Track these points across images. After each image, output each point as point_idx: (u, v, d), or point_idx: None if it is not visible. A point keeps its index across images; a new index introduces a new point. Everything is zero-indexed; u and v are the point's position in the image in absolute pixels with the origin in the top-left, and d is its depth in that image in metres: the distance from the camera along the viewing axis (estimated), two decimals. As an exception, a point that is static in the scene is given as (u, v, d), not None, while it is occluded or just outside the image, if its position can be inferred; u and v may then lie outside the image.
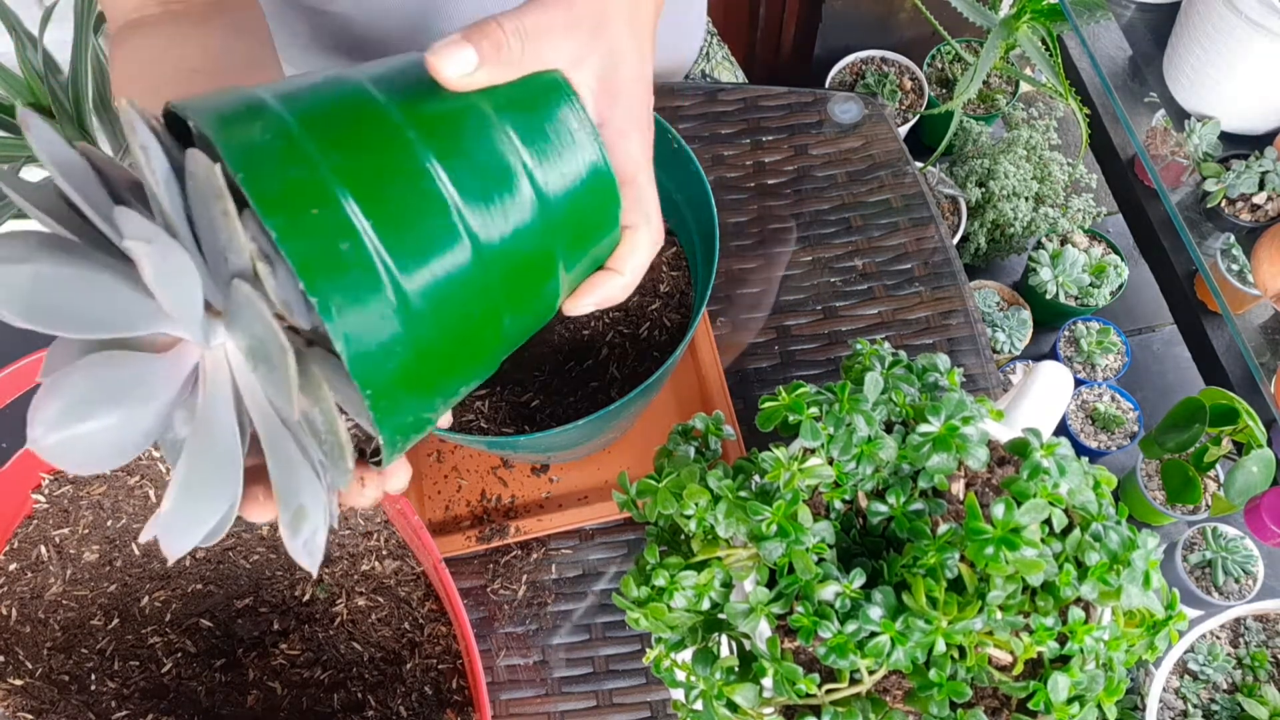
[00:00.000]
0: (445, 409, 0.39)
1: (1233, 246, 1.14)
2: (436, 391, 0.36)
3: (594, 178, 0.39)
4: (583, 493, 0.79)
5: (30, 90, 1.14)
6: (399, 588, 0.72)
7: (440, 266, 0.35)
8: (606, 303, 0.43)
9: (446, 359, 0.36)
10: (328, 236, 0.32)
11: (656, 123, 0.68)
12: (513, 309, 0.38)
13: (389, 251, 0.33)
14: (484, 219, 0.36)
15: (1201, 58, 1.09)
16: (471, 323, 0.36)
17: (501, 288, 0.37)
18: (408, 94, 0.37)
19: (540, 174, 0.38)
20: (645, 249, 0.43)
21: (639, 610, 0.45)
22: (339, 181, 0.33)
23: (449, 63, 0.37)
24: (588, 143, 0.39)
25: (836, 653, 0.40)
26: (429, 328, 0.35)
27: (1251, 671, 0.85)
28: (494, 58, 0.37)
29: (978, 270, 1.71)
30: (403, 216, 0.34)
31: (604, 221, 0.41)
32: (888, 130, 0.92)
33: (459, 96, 0.37)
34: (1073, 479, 0.42)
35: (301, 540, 0.34)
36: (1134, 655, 0.44)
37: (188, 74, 0.53)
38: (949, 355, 0.81)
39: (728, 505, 0.44)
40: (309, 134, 0.34)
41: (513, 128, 0.37)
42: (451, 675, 0.69)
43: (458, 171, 0.35)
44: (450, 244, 0.35)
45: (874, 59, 1.79)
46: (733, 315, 0.85)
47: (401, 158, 0.35)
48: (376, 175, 0.34)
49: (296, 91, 0.36)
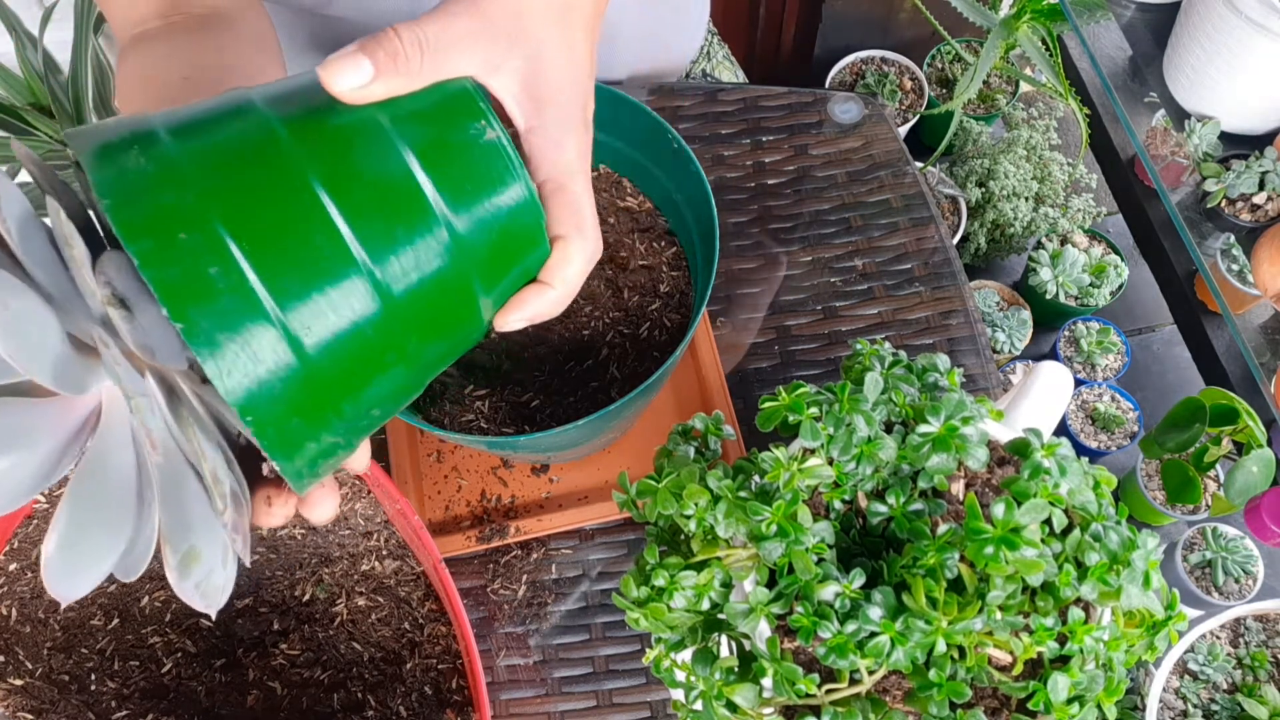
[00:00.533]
0: (361, 435, 0.37)
1: (1233, 246, 1.14)
2: (338, 419, 0.35)
3: (509, 191, 0.37)
4: (583, 493, 0.79)
5: (30, 90, 1.14)
6: (399, 588, 0.72)
7: (326, 291, 0.33)
8: (539, 318, 0.41)
9: (344, 386, 0.34)
10: (195, 261, 0.31)
11: (656, 124, 0.68)
12: (421, 334, 0.36)
13: (266, 275, 0.32)
14: (376, 240, 0.34)
15: (1201, 58, 1.09)
16: (369, 350, 0.35)
17: (403, 314, 0.35)
18: (302, 111, 0.35)
19: (444, 191, 0.36)
20: (579, 260, 0.41)
21: (639, 610, 0.45)
22: (212, 204, 0.32)
23: (341, 75, 0.35)
24: (500, 154, 0.37)
25: (836, 653, 0.40)
26: (318, 355, 0.33)
27: (1251, 671, 0.85)
28: (390, 69, 0.36)
29: (978, 270, 1.71)
30: (282, 239, 0.32)
31: (525, 238, 0.39)
32: (888, 130, 0.92)
33: (354, 111, 0.36)
34: (1073, 479, 0.42)
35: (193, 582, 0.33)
36: (1134, 655, 0.44)
37: (179, 84, 0.52)
38: (949, 355, 0.81)
39: (728, 505, 0.44)
40: (188, 157, 0.33)
41: (411, 142, 0.35)
42: (451, 675, 0.69)
43: (344, 190, 0.34)
44: (337, 267, 0.33)
45: (874, 59, 1.79)
46: (733, 315, 0.85)
47: (283, 177, 0.33)
48: (255, 197, 0.33)
49: (188, 114, 0.35)
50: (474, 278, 0.37)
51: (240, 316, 0.31)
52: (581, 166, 0.41)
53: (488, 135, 0.37)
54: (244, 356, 0.31)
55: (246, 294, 0.31)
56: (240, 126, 0.34)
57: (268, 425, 0.32)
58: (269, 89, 0.36)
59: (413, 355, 0.36)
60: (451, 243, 0.36)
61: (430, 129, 0.36)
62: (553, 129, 0.40)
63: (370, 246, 0.34)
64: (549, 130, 0.40)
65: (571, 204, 0.40)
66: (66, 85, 1.13)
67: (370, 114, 0.36)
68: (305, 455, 0.35)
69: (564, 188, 0.40)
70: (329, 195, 0.33)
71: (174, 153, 0.33)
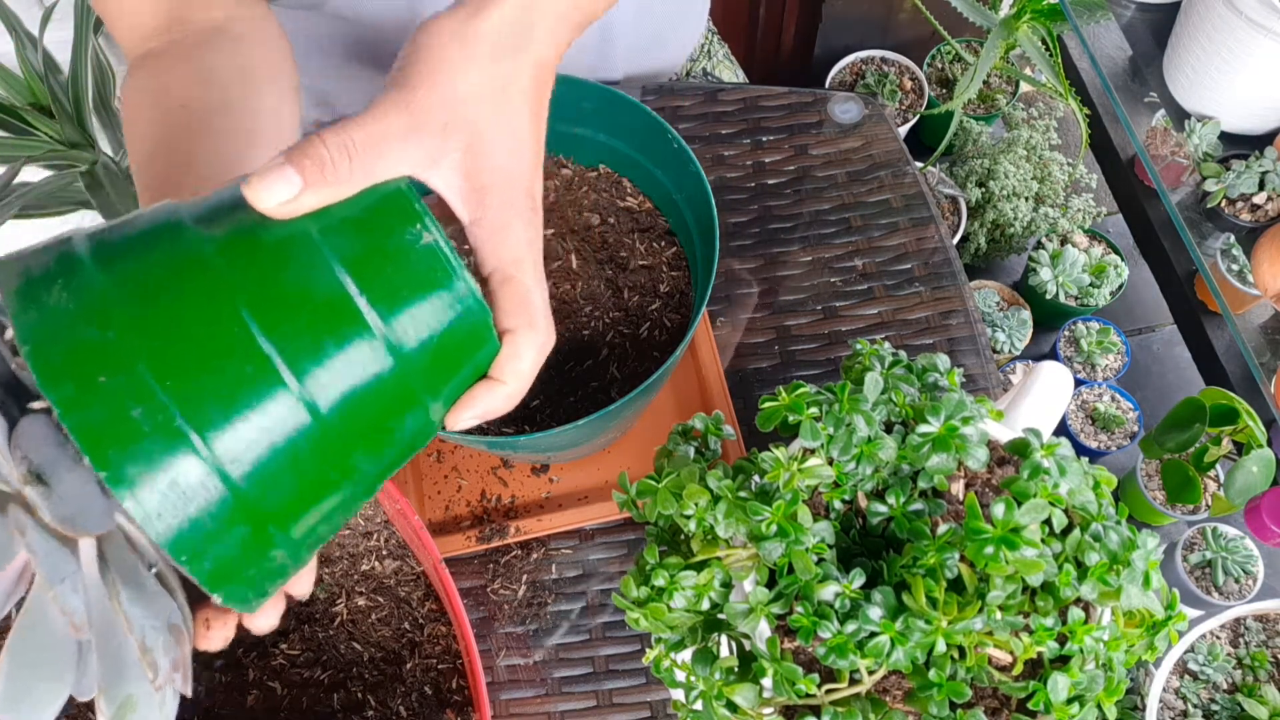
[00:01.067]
0: (313, 549, 0.36)
1: (1233, 246, 1.14)
2: (282, 543, 0.34)
3: (449, 295, 0.36)
4: (583, 493, 0.79)
5: (30, 90, 1.15)
6: (399, 588, 0.72)
7: (256, 420, 0.32)
8: (491, 415, 0.40)
9: (285, 512, 0.34)
10: (117, 403, 0.30)
11: (656, 123, 0.68)
12: (365, 447, 0.35)
13: (191, 411, 0.31)
14: (308, 361, 0.33)
15: (1201, 58, 1.09)
16: (309, 472, 0.34)
17: (341, 431, 0.34)
18: (230, 228, 0.34)
19: (378, 302, 0.34)
20: (530, 354, 0.39)
21: (639, 610, 0.45)
22: (135, 340, 0.31)
23: (267, 191, 0.34)
24: (438, 257, 0.35)
25: (836, 653, 0.40)
26: (251, 486, 0.32)
27: (1251, 671, 0.85)
28: (318, 179, 0.34)
29: (978, 270, 1.71)
30: (208, 371, 0.32)
31: (471, 338, 0.37)
32: (888, 130, 0.92)
33: (283, 225, 0.34)
34: (1073, 479, 0.42)
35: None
36: (1134, 655, 0.44)
37: (178, 111, 0.52)
38: (949, 355, 0.81)
39: (727, 505, 0.44)
40: (111, 288, 0.32)
41: (342, 254, 0.34)
42: (451, 675, 0.69)
43: (273, 313, 0.33)
44: (267, 393, 0.32)
45: (874, 59, 1.79)
46: (733, 315, 0.85)
47: (210, 305, 0.32)
48: (180, 328, 0.32)
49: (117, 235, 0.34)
50: (418, 385, 0.36)
51: (166, 457, 0.31)
52: (530, 253, 0.39)
53: (424, 239, 0.35)
54: (172, 497, 0.31)
55: (171, 433, 0.31)
56: (167, 250, 0.33)
57: (202, 561, 0.32)
58: (200, 204, 0.35)
59: (357, 468, 0.35)
60: (390, 354, 0.34)
61: (363, 238, 0.35)
62: (497, 218, 0.38)
63: (301, 369, 0.33)
64: (493, 220, 0.38)
65: (520, 295, 0.39)
66: (66, 85, 1.13)
67: (301, 226, 0.34)
68: (248, 581, 0.34)
69: (511, 279, 0.39)
70: (256, 320, 0.32)
71: (98, 285, 0.32)
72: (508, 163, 0.39)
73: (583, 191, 0.75)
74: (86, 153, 1.14)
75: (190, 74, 0.54)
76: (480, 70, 0.38)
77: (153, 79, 0.54)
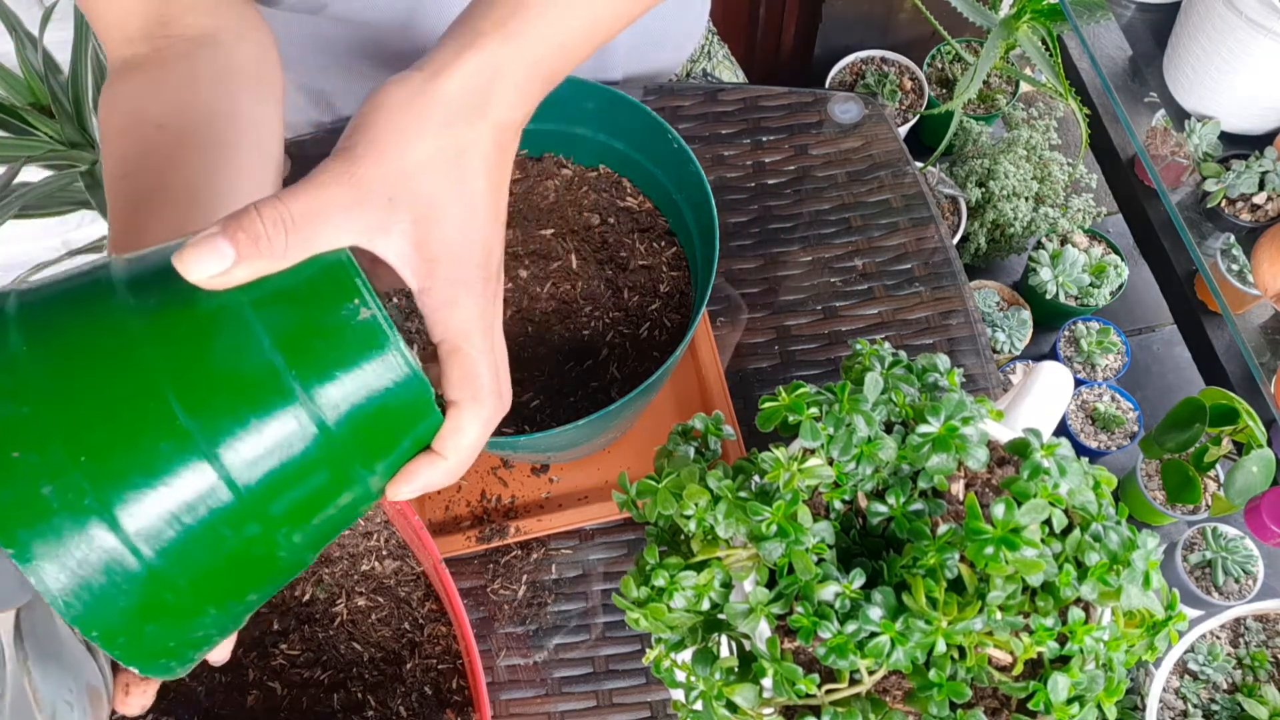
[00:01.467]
0: (241, 619, 0.36)
1: (1233, 246, 1.14)
2: (203, 616, 0.34)
3: (386, 371, 0.35)
4: (583, 493, 0.79)
5: (30, 90, 1.15)
6: (399, 588, 0.72)
7: (173, 497, 0.31)
8: (432, 487, 0.39)
9: (205, 587, 0.33)
10: (27, 480, 0.30)
11: (656, 123, 0.68)
12: (293, 522, 0.35)
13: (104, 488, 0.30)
14: (232, 439, 0.32)
15: (1201, 58, 1.09)
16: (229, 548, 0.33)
17: (266, 508, 0.33)
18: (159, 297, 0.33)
19: (309, 379, 0.33)
20: (472, 428, 0.38)
21: (639, 610, 0.45)
22: (51, 415, 0.31)
23: (198, 262, 0.33)
24: (375, 332, 0.34)
25: (836, 653, 0.40)
26: (167, 563, 0.32)
27: (1251, 671, 0.85)
28: (252, 252, 0.33)
29: (978, 270, 1.71)
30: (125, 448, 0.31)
31: (410, 412, 0.36)
32: (888, 130, 0.92)
33: (214, 296, 0.33)
34: (1073, 479, 0.42)
35: None
36: (1134, 655, 0.44)
37: (153, 131, 0.51)
38: (949, 355, 0.81)
39: (728, 505, 0.44)
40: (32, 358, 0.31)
41: (273, 329, 0.33)
42: (451, 675, 0.69)
43: (197, 389, 0.32)
44: (186, 471, 0.32)
45: (874, 59, 1.79)
46: (733, 315, 0.85)
47: (131, 380, 0.32)
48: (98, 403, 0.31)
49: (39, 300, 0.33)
50: (350, 459, 0.35)
51: (74, 535, 0.30)
52: (479, 325, 0.38)
53: (361, 315, 0.34)
54: (81, 574, 0.30)
55: (81, 510, 0.30)
56: (92, 320, 0.33)
57: (116, 637, 0.31)
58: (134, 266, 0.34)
59: (288, 541, 0.35)
60: (319, 431, 0.34)
61: (297, 312, 0.34)
62: (445, 289, 0.37)
63: (224, 446, 0.32)
64: (441, 291, 0.37)
65: (466, 368, 0.38)
66: (66, 85, 1.13)
67: (234, 298, 0.34)
68: (169, 653, 0.33)
69: (458, 350, 0.38)
70: (179, 399, 0.32)
71: (17, 353, 0.31)
72: (458, 234, 0.38)
73: (583, 191, 0.75)
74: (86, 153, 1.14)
75: (168, 91, 0.53)
76: (433, 139, 0.37)
77: (129, 97, 0.53)
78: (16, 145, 1.12)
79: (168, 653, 0.33)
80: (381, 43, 0.79)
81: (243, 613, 0.36)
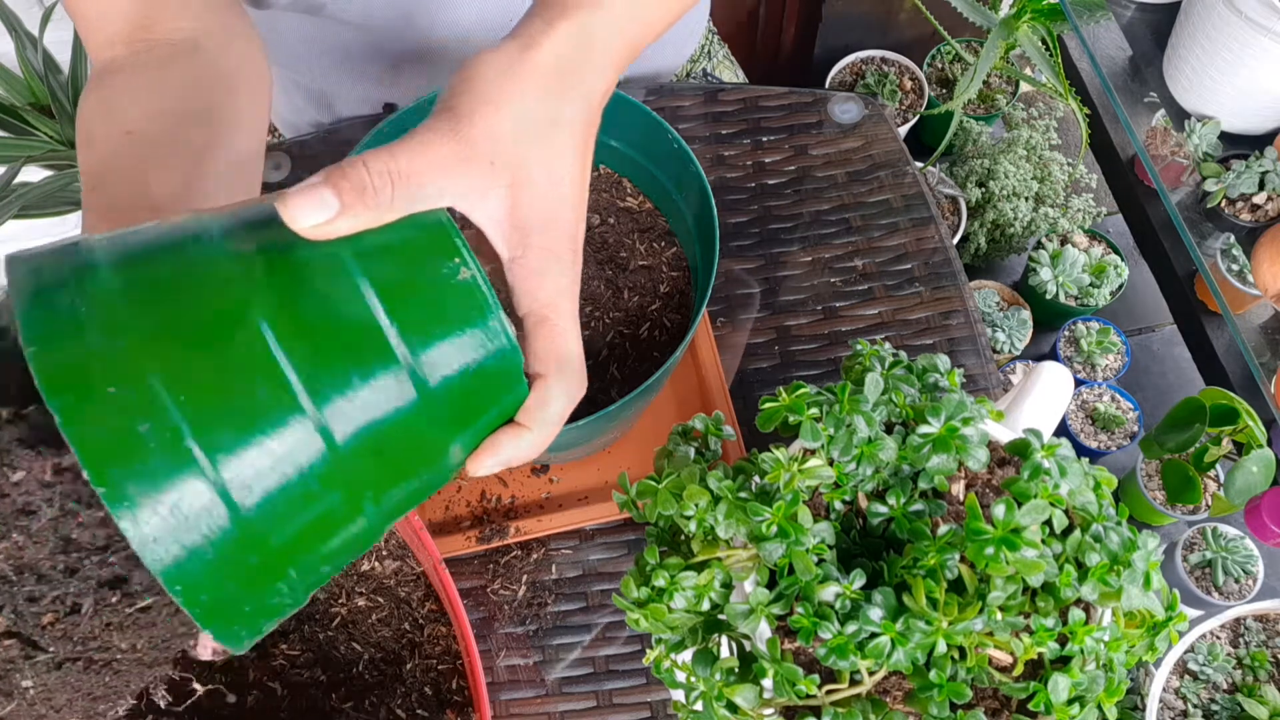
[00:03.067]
0: (311, 590, 0.35)
1: (1233, 246, 1.14)
2: (283, 580, 0.32)
3: (482, 335, 0.34)
4: (583, 493, 0.79)
5: (30, 90, 1.15)
6: (399, 588, 0.72)
7: (270, 446, 0.30)
8: (515, 462, 0.38)
9: (290, 547, 0.32)
10: (123, 417, 0.28)
11: (656, 123, 0.68)
12: (379, 486, 0.33)
13: (202, 431, 0.29)
14: (330, 390, 0.31)
15: (1201, 58, 1.09)
16: (319, 507, 0.32)
17: (357, 466, 0.32)
18: (257, 244, 0.33)
19: (408, 335, 0.33)
20: (559, 401, 0.38)
21: (639, 611, 0.45)
22: (148, 351, 0.29)
23: (302, 211, 0.32)
24: (475, 295, 0.34)
25: (836, 654, 0.40)
26: (259, 517, 0.30)
27: (1251, 671, 0.85)
28: (356, 204, 0.33)
29: (978, 270, 1.71)
30: (223, 389, 0.30)
31: (500, 380, 0.36)
32: (888, 130, 0.92)
33: (314, 247, 0.33)
34: (1073, 480, 0.42)
35: None
36: (1134, 656, 0.44)
37: (122, 137, 0.50)
38: (949, 355, 0.81)
39: (728, 506, 0.44)
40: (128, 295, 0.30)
41: (375, 282, 0.33)
42: (451, 676, 0.69)
43: (297, 335, 0.31)
44: (283, 419, 0.30)
45: (874, 59, 1.79)
46: (733, 315, 0.85)
47: (230, 321, 0.30)
48: (196, 343, 0.30)
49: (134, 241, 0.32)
50: (441, 424, 0.34)
51: (171, 478, 0.29)
52: (567, 298, 0.38)
53: (461, 275, 0.34)
54: (173, 522, 0.29)
55: (180, 453, 0.29)
56: (189, 259, 0.32)
57: (199, 594, 0.30)
58: (227, 216, 0.34)
59: (369, 508, 0.34)
60: (415, 390, 0.33)
61: (398, 268, 0.33)
62: (536, 260, 0.37)
63: (322, 397, 0.31)
64: (533, 261, 0.37)
65: (553, 340, 0.38)
66: (66, 85, 1.13)
67: (333, 249, 0.33)
68: (243, 619, 0.32)
69: (546, 321, 0.38)
70: (278, 340, 0.31)
71: (113, 289, 0.30)
72: (551, 204, 0.38)
73: (583, 192, 0.75)
74: (86, 153, 1.14)
75: (140, 96, 0.52)
76: (529, 108, 0.37)
77: (101, 102, 0.52)
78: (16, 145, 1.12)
79: (242, 618, 0.32)
80: (380, 43, 0.79)
81: (314, 584, 0.34)
